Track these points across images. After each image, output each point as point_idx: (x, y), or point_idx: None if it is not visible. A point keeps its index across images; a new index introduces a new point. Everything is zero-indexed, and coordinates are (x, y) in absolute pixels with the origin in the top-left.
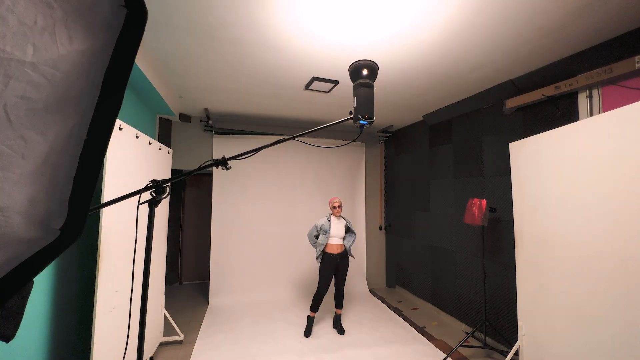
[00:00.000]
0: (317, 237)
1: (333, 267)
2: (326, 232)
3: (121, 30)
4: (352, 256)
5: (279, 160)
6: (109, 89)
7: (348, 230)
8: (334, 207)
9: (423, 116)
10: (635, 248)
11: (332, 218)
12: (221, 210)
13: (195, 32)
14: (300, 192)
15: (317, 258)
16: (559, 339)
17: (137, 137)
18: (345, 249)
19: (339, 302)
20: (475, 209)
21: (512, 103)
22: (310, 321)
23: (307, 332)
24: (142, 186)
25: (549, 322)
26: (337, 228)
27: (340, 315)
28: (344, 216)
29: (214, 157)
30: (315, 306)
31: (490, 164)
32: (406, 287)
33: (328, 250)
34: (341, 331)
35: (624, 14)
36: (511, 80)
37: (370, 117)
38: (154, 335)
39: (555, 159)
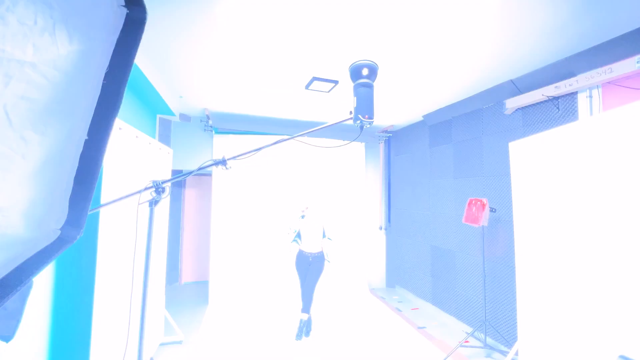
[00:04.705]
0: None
1: (305, 265)
2: (292, 229)
3: (121, 30)
4: (328, 260)
5: (279, 161)
6: (109, 89)
7: (324, 232)
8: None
9: (423, 116)
10: (635, 248)
11: (304, 218)
12: (221, 210)
13: (195, 32)
14: (300, 192)
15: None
16: (559, 339)
17: (137, 137)
18: (321, 251)
19: (304, 305)
20: (475, 209)
21: (512, 103)
22: (308, 321)
23: (307, 332)
24: (142, 186)
25: (549, 322)
26: (308, 229)
27: (306, 321)
28: (320, 216)
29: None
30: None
31: (490, 164)
32: (406, 287)
33: (302, 248)
34: (307, 334)
35: (624, 14)
36: (511, 80)
37: (370, 117)
38: (154, 335)
39: (555, 159)
